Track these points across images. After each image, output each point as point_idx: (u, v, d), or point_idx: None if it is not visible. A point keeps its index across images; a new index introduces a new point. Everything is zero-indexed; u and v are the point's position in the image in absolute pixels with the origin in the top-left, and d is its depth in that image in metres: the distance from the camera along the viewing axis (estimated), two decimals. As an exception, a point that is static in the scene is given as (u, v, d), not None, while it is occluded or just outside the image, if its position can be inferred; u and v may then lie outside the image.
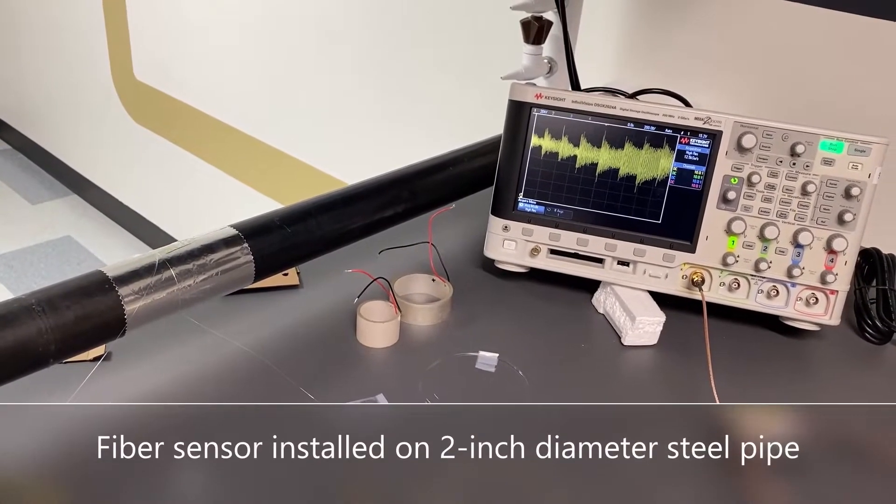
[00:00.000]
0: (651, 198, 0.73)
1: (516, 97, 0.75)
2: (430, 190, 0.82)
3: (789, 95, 0.98)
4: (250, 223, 0.67)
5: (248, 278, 0.65)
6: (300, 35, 1.70)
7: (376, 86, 1.56)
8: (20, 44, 2.81)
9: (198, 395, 0.62)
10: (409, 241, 0.82)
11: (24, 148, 3.10)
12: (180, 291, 0.60)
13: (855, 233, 0.70)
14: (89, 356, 0.63)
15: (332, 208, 0.73)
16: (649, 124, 0.72)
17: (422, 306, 0.72)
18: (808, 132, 0.69)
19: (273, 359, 0.66)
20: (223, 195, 2.13)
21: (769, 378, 0.69)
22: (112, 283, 0.56)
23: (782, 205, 0.70)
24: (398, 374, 0.66)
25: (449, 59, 1.41)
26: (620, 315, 0.73)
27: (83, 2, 2.36)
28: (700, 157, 0.72)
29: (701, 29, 1.03)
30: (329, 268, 0.78)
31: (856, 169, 0.69)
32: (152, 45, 2.18)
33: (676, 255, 0.73)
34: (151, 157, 2.35)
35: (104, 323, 0.55)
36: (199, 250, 0.62)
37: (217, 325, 0.70)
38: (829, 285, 0.71)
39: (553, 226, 0.76)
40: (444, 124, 1.46)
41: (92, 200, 2.77)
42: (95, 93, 2.47)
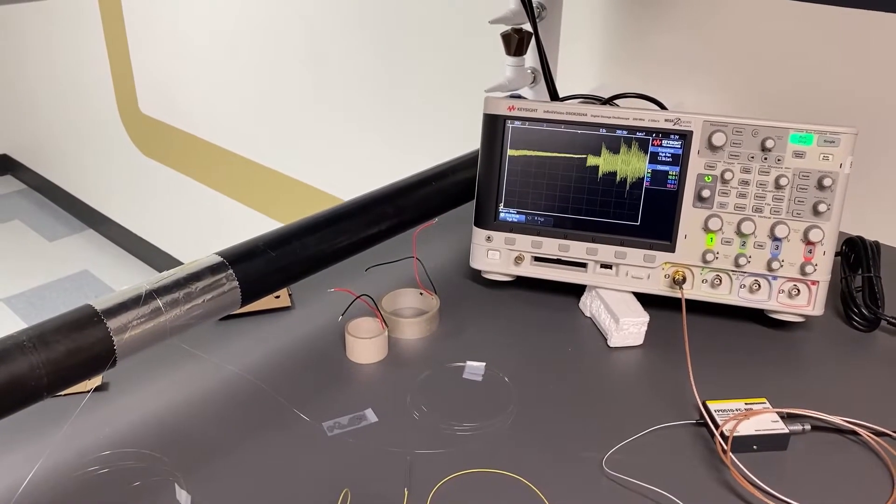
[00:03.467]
0: (628, 200, 0.74)
1: (490, 110, 0.77)
2: (414, 206, 0.83)
3: (767, 89, 0.99)
4: (235, 249, 0.69)
5: (234, 304, 0.67)
6: (295, 64, 1.73)
7: (371, 107, 1.59)
8: (31, 87, 2.88)
9: (191, 419, 0.63)
10: (396, 256, 0.83)
11: (39, 187, 3.18)
12: (169, 320, 0.62)
13: (831, 223, 0.70)
14: (86, 387, 0.66)
15: (317, 230, 0.74)
16: (621, 129, 0.73)
17: (409, 320, 0.74)
18: (777, 126, 0.70)
19: (265, 380, 0.68)
20: (232, 221, 2.16)
21: (755, 369, 0.70)
22: (101, 316, 0.58)
23: (757, 200, 0.71)
24: (387, 389, 0.67)
25: (439, 73, 1.43)
26: (605, 317, 0.74)
27: (87, 41, 2.42)
28: (673, 157, 0.73)
29: (677, 31, 1.05)
30: (319, 288, 0.80)
31: (827, 160, 0.69)
32: (155, 78, 2.23)
33: (657, 255, 0.74)
34: (161, 187, 2.40)
35: (94, 355, 0.57)
36: (185, 279, 0.64)
37: (211, 350, 0.72)
38: (810, 276, 0.71)
39: (535, 233, 0.77)
40: (437, 136, 1.48)
41: (107, 234, 2.82)
42: (104, 128, 2.53)
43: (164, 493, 0.56)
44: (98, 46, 2.38)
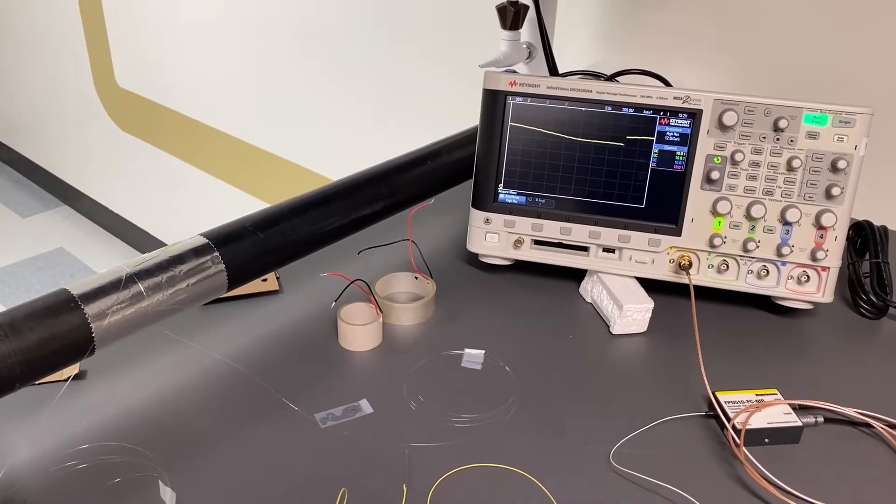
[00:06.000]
0: (633, 182, 0.71)
1: (490, 86, 0.73)
2: (408, 185, 0.80)
3: (774, 67, 0.96)
4: (221, 230, 0.65)
5: (221, 288, 0.63)
6: (281, 35, 1.67)
7: (360, 80, 1.54)
8: (3, 59, 2.79)
9: (175, 410, 0.60)
10: (390, 238, 0.80)
11: (12, 161, 3.09)
12: (151, 306, 0.58)
13: (843, 207, 0.68)
14: (63, 375, 0.62)
15: (307, 210, 0.71)
16: (627, 106, 0.70)
17: (404, 305, 0.71)
18: (791, 106, 0.67)
19: (253, 368, 0.65)
20: (214, 199, 2.11)
21: (762, 358, 0.67)
22: (77, 302, 0.54)
23: (768, 182, 0.68)
24: (382, 378, 0.64)
25: (430, 48, 1.38)
26: (608, 303, 0.71)
27: (62, 13, 2.33)
28: (681, 137, 0.70)
29: (680, 5, 1.01)
30: (309, 271, 0.76)
31: (841, 141, 0.67)
32: (132, 51, 2.16)
33: (662, 239, 0.71)
34: (140, 164, 2.33)
35: (71, 343, 0.54)
36: (168, 262, 0.60)
37: (196, 336, 0.68)
38: (820, 262, 0.69)
39: (535, 216, 0.74)
40: (430, 114, 1.43)
41: (83, 211, 2.75)
42: (80, 103, 2.45)
43: (146, 490, 0.52)
44: (73, 17, 2.30)
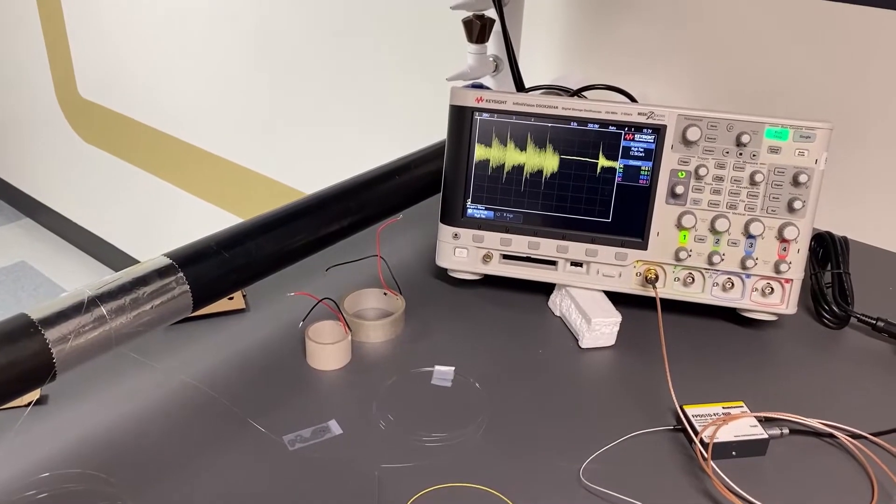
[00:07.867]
0: (599, 196, 0.72)
1: (457, 102, 0.73)
2: (376, 201, 0.79)
3: (737, 83, 0.97)
4: (185, 250, 0.64)
5: (186, 308, 0.62)
6: (248, 45, 1.66)
7: (330, 90, 1.54)
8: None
9: (139, 434, 0.59)
10: (358, 254, 0.80)
11: (-29, 173, 3.01)
12: (114, 329, 0.57)
13: (805, 220, 0.69)
14: (24, 401, 0.60)
15: (273, 228, 0.70)
16: (593, 122, 0.71)
17: (373, 322, 0.70)
18: (753, 121, 0.68)
19: (219, 390, 0.64)
20: (180, 211, 2.08)
21: (729, 370, 0.68)
22: (37, 327, 0.53)
23: (731, 196, 0.69)
24: (351, 397, 0.63)
25: (400, 61, 1.38)
26: (576, 317, 0.72)
27: (20, 18, 2.29)
28: (646, 152, 0.70)
29: (642, 21, 1.02)
30: (276, 288, 0.76)
31: (802, 156, 0.68)
32: (96, 60, 2.12)
33: (629, 252, 0.72)
34: (104, 176, 2.30)
35: (31, 369, 0.52)
36: (131, 283, 0.59)
37: (161, 357, 0.67)
38: (784, 274, 0.70)
39: (504, 230, 0.74)
40: (405, 128, 1.43)
41: (46, 224, 2.70)
42: (41, 113, 2.41)
43: (110, 519, 0.51)
44: (33, 24, 2.26)
